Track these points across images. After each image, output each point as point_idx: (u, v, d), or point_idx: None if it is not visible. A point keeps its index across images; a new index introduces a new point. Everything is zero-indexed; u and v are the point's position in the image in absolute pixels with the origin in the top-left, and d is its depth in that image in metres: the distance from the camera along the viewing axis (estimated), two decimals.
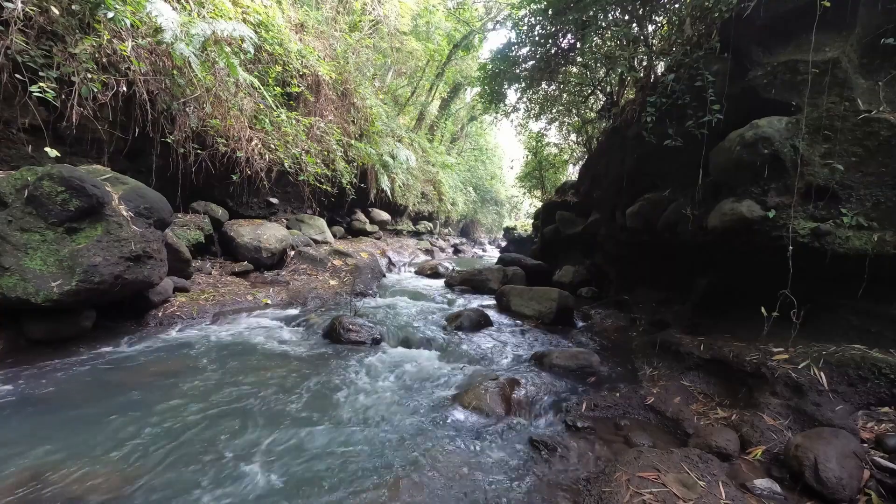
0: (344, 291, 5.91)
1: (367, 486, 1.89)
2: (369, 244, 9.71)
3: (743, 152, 2.98)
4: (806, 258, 2.73)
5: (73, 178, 3.05)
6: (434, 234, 16.53)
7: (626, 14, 4.99)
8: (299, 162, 6.94)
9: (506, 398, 2.76)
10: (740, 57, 3.41)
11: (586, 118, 7.71)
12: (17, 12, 3.40)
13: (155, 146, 4.81)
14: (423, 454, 2.14)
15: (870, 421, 2.12)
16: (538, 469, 2.08)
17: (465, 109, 22.61)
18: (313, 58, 7.64)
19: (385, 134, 11.06)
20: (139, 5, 4.02)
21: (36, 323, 3.08)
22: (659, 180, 4.38)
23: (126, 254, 3.31)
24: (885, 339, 2.55)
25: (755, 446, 2.17)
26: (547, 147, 10.18)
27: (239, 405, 2.55)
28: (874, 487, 1.77)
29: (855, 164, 2.70)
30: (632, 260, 5.31)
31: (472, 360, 3.60)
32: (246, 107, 5.95)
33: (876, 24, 2.77)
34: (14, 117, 3.64)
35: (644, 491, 1.74)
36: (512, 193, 26.33)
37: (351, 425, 2.42)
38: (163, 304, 4.12)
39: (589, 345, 4.11)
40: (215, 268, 5.53)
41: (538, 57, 6.24)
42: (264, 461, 2.02)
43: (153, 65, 4.51)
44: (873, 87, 2.74)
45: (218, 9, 5.31)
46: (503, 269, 7.36)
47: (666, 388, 2.94)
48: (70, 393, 2.57)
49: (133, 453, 2.01)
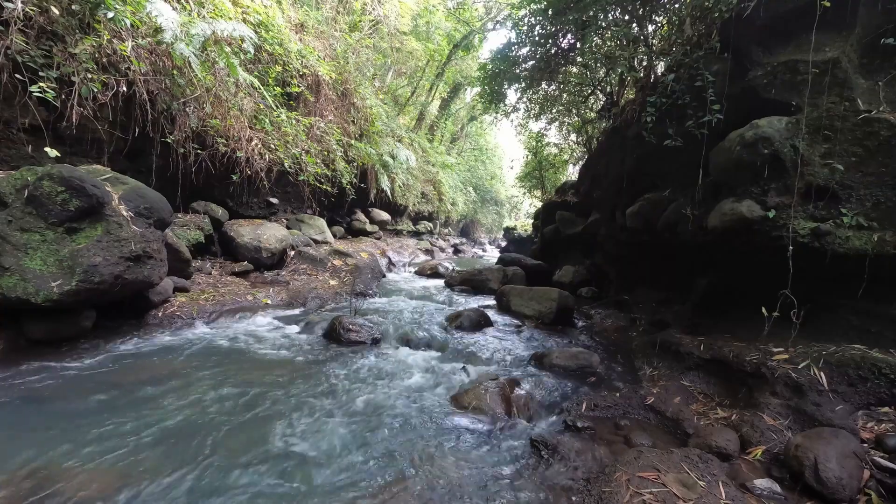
0: (344, 291, 5.91)
1: (367, 486, 1.89)
2: (369, 244, 9.71)
3: (743, 152, 2.98)
4: (806, 258, 2.73)
5: (73, 178, 3.05)
6: (434, 234, 16.53)
7: (626, 14, 4.99)
8: (299, 162, 6.95)
9: (506, 398, 2.76)
10: (740, 57, 3.41)
11: (586, 118, 7.71)
12: (17, 12, 3.40)
13: (155, 146, 4.81)
14: (423, 454, 2.14)
15: (870, 421, 2.12)
16: (538, 469, 2.08)
17: (465, 109, 22.62)
18: (313, 58, 7.64)
19: (385, 134, 11.06)
20: (139, 5, 4.02)
21: (36, 323, 3.08)
22: (659, 180, 4.38)
23: (126, 254, 3.31)
24: (885, 339, 2.55)
25: (755, 446, 2.17)
26: (547, 147, 10.18)
27: (238, 405, 2.55)
28: (874, 487, 1.76)
29: (855, 164, 2.70)
30: (632, 260, 5.31)
31: (472, 360, 3.60)
32: (246, 107, 5.95)
33: (876, 24, 2.77)
34: (14, 117, 3.64)
35: (644, 491, 1.74)
36: (512, 193, 26.34)
37: (350, 426, 2.41)
38: (163, 304, 4.12)
39: (589, 345, 4.11)
40: (215, 268, 5.53)
41: (538, 57, 6.24)
42: (264, 462, 2.02)
43: (153, 65, 4.51)
44: (873, 87, 2.74)
45: (218, 9, 5.31)
46: (503, 269, 7.36)
47: (666, 388, 2.94)
48: (70, 393, 2.57)
49: (132, 453, 2.01)
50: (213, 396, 2.64)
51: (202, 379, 2.89)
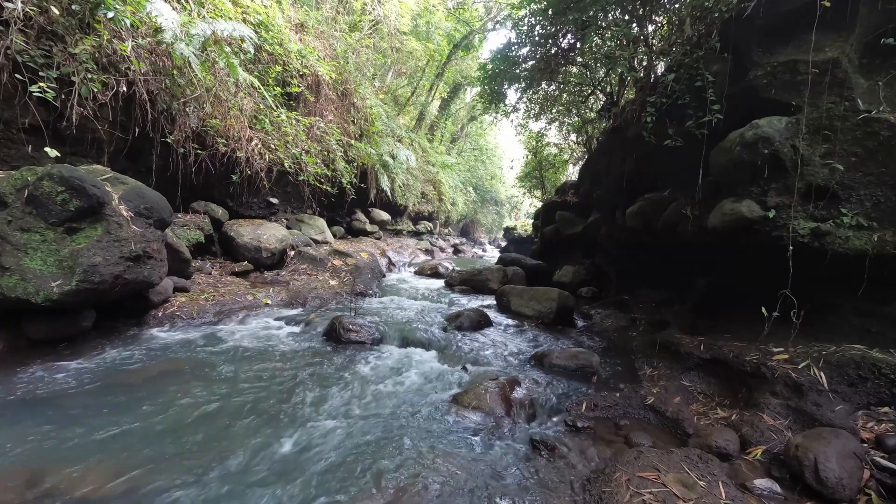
0: (344, 291, 5.90)
1: (367, 486, 1.88)
2: (369, 244, 9.71)
3: (743, 152, 2.98)
4: (806, 258, 2.73)
5: (73, 178, 3.04)
6: (434, 234, 16.53)
7: (626, 14, 4.99)
8: (299, 162, 6.95)
9: (506, 398, 2.76)
10: (740, 57, 3.41)
11: (586, 118, 7.72)
12: (17, 12, 3.39)
13: (155, 146, 4.81)
14: (423, 454, 2.14)
15: (870, 421, 2.12)
16: (538, 469, 2.08)
17: (465, 109, 22.63)
18: (313, 58, 7.64)
19: (385, 134, 11.07)
20: (139, 5, 4.02)
21: (36, 323, 3.08)
22: (659, 180, 4.38)
23: (126, 254, 3.31)
24: (885, 339, 2.55)
25: (755, 446, 2.17)
26: (547, 147, 10.19)
27: (237, 406, 2.55)
28: (874, 487, 1.76)
29: (855, 164, 2.70)
30: (632, 260, 5.31)
31: (472, 360, 3.60)
32: (246, 107, 5.95)
33: (876, 24, 2.77)
34: (14, 117, 3.64)
35: (644, 491, 1.74)
36: (512, 193, 26.38)
37: (350, 426, 2.41)
38: (163, 304, 4.11)
39: (589, 345, 4.11)
40: (215, 268, 5.53)
41: (538, 57, 6.24)
42: (262, 462, 2.02)
43: (153, 65, 4.51)
44: (873, 87, 2.74)
45: (218, 9, 5.31)
46: (503, 269, 7.36)
47: (666, 388, 2.94)
48: (70, 393, 2.57)
49: (132, 453, 2.01)
50: (212, 396, 2.64)
51: (202, 379, 2.89)
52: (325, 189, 7.83)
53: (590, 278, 6.80)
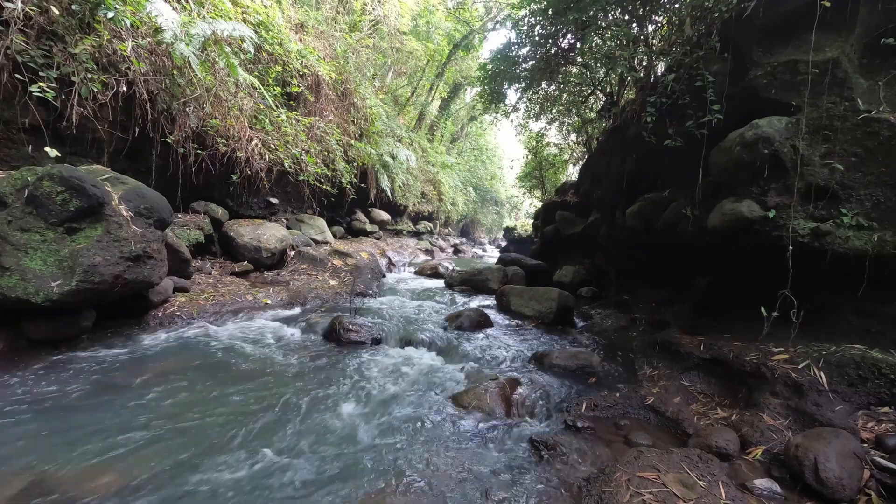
0: (344, 291, 5.90)
1: (367, 486, 1.89)
2: (369, 244, 9.71)
3: (743, 152, 2.98)
4: (806, 258, 2.73)
5: (73, 178, 3.04)
6: (434, 234, 16.53)
7: (626, 14, 4.99)
8: (299, 162, 6.95)
9: (506, 398, 2.76)
10: (740, 57, 3.41)
11: (586, 118, 7.72)
12: (17, 12, 3.39)
13: (155, 146, 4.81)
14: (423, 454, 2.14)
15: (870, 421, 2.12)
16: (538, 469, 2.08)
17: (465, 109, 22.63)
18: (313, 58, 7.64)
19: (385, 134, 11.07)
20: (139, 5, 4.02)
21: (36, 323, 3.08)
22: (659, 180, 4.38)
23: (126, 254, 3.31)
24: (885, 339, 2.55)
25: (755, 446, 2.17)
26: (547, 147, 10.19)
27: (237, 405, 2.55)
28: (874, 487, 1.77)
29: (855, 164, 2.70)
30: (632, 260, 5.31)
31: (473, 359, 3.60)
32: (246, 107, 5.95)
33: (876, 24, 2.77)
34: (14, 117, 3.64)
35: (644, 491, 1.74)
36: (512, 193, 26.38)
37: (349, 426, 2.41)
38: (163, 304, 4.11)
39: (589, 345, 4.11)
40: (215, 268, 5.53)
41: (538, 57, 6.24)
42: (262, 461, 2.02)
43: (153, 65, 4.51)
44: (873, 87, 2.74)
45: (218, 9, 5.31)
46: (503, 269, 7.35)
47: (666, 388, 2.94)
48: (70, 393, 2.57)
49: (132, 453, 2.01)
50: (212, 396, 2.64)
51: (202, 379, 2.89)
52: (325, 189, 7.83)
53: (590, 278, 6.80)
